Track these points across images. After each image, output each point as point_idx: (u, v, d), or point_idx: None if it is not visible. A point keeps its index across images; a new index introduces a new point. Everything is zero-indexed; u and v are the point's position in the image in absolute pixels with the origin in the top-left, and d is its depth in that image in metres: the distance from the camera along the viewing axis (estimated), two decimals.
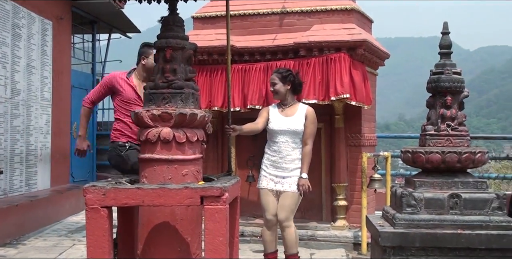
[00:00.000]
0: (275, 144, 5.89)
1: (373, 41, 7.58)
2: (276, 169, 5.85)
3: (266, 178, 5.89)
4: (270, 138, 5.99)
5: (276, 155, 5.86)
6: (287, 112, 5.93)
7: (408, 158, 4.41)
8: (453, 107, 4.44)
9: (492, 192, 4.24)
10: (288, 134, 5.83)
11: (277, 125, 5.86)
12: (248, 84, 7.37)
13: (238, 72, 7.44)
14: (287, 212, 5.77)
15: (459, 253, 4.01)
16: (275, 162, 5.86)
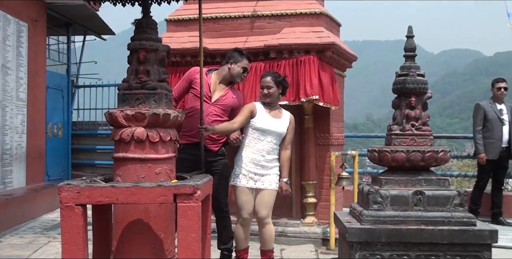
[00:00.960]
0: (259, 142, 5.75)
1: (341, 44, 7.60)
2: (256, 167, 5.72)
3: (245, 177, 5.73)
4: (254, 135, 5.80)
5: (258, 153, 5.71)
6: (274, 113, 5.84)
7: (375, 157, 4.43)
8: (417, 107, 4.48)
9: (454, 190, 4.27)
10: (275, 135, 5.75)
11: (267, 124, 5.74)
12: None
13: None
14: (268, 209, 5.77)
15: (422, 248, 4.04)
16: (255, 160, 5.71)
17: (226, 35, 7.73)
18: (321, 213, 7.51)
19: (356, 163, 7.68)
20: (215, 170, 5.80)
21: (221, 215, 5.98)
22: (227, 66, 6.02)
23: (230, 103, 6.02)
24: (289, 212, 7.67)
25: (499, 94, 9.11)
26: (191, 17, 7.72)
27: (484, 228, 4.09)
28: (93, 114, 12.93)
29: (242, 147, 5.81)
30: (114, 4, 4.68)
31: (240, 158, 5.79)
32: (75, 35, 12.89)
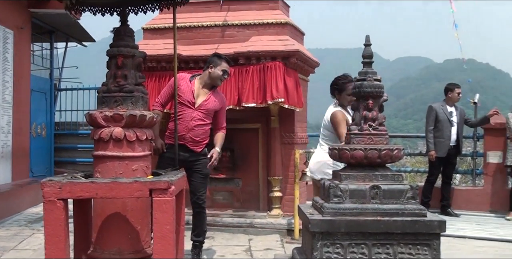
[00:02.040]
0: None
1: (304, 51, 7.63)
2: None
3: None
4: None
5: None
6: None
7: (335, 155, 4.44)
8: (374, 109, 4.48)
9: (407, 184, 4.29)
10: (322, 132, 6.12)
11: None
12: None
13: None
14: None
15: (378, 237, 4.05)
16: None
17: (199, 43, 7.70)
18: (286, 206, 7.52)
19: None
20: (196, 169, 5.73)
21: (198, 210, 5.93)
22: (208, 71, 5.93)
23: (212, 107, 5.91)
24: (256, 205, 7.67)
25: (458, 98, 9.29)
26: (166, 26, 7.69)
27: (434, 219, 4.12)
28: (75, 115, 12.87)
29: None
30: (94, 13, 4.67)
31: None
32: (58, 41, 12.78)
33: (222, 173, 7.78)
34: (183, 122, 5.62)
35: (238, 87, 7.17)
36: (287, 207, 7.51)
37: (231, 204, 7.79)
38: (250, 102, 7.06)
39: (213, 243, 6.77)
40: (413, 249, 4.05)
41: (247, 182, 7.76)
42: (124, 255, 4.13)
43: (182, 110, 5.66)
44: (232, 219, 7.47)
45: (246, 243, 6.78)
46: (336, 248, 4.03)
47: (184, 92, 5.75)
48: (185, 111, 5.70)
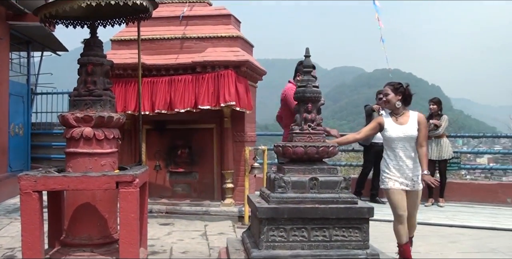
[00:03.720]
0: (394, 151, 5.06)
1: (253, 61, 7.65)
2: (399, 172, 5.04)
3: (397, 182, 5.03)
4: (388, 144, 5.14)
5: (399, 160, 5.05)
6: (401, 120, 5.00)
7: (279, 151, 4.46)
8: (313, 112, 4.52)
9: (341, 176, 4.33)
10: (405, 141, 4.96)
11: (395, 133, 4.98)
12: (156, 93, 7.27)
13: (148, 84, 7.32)
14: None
15: (316, 222, 4.09)
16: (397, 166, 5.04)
17: (161, 53, 7.64)
18: (238, 196, 7.53)
19: (265, 156, 7.73)
20: None
21: None
22: (297, 79, 5.99)
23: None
24: (211, 195, 7.66)
25: (381, 102, 9.42)
26: (131, 38, 7.60)
27: (364, 206, 4.18)
28: (49, 116, 12.64)
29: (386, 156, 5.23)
30: (66, 26, 4.60)
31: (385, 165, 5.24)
32: (34, 51, 12.51)
33: (181, 167, 7.74)
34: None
35: (195, 92, 7.14)
36: (238, 196, 7.52)
37: (189, 194, 7.76)
38: (205, 105, 7.05)
39: (173, 228, 6.73)
40: (346, 232, 4.11)
41: (203, 175, 7.74)
42: (94, 240, 4.09)
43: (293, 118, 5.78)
44: (190, 207, 7.43)
45: (202, 228, 6.76)
46: (280, 232, 4.05)
47: (292, 101, 5.79)
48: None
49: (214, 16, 7.90)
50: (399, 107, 4.99)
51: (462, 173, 14.58)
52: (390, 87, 5.04)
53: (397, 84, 5.02)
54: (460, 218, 7.84)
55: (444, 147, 9.11)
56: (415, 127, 4.91)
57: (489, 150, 14.80)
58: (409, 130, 4.90)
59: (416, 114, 5.00)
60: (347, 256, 4.02)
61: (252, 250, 4.05)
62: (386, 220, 7.36)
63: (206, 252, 5.54)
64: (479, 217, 7.91)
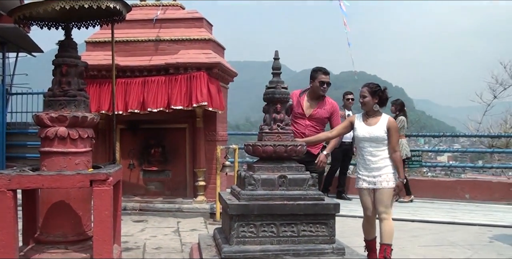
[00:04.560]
0: (362, 149, 4.88)
1: (225, 63, 7.65)
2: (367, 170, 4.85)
3: (362, 179, 4.86)
4: (359, 144, 4.97)
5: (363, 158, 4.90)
6: (370, 121, 4.85)
7: (249, 150, 4.47)
8: (281, 112, 4.54)
9: (308, 173, 4.37)
10: (371, 141, 4.79)
11: (361, 132, 4.85)
12: (129, 94, 7.21)
13: (122, 85, 7.25)
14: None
15: (285, 218, 4.11)
16: (364, 164, 4.88)
17: (135, 55, 7.58)
18: (210, 193, 7.52)
19: (236, 154, 7.73)
20: (310, 168, 5.27)
21: None
22: (310, 85, 5.98)
23: (321, 115, 5.94)
24: (184, 193, 7.63)
25: (348, 103, 9.52)
26: (106, 40, 7.51)
27: (330, 202, 4.22)
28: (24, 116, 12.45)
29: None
30: (41, 27, 4.52)
31: (357, 165, 5.07)
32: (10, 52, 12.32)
33: (154, 166, 7.70)
34: (299, 130, 5.78)
35: (168, 93, 7.10)
36: (210, 194, 7.51)
37: (162, 192, 7.71)
38: (178, 105, 7.01)
39: (147, 225, 6.68)
40: (313, 227, 4.15)
41: (176, 173, 7.70)
42: (68, 237, 4.03)
43: (297, 121, 5.86)
44: (163, 205, 7.39)
45: (175, 225, 6.73)
46: (250, 228, 4.07)
47: (294, 106, 5.90)
48: (299, 121, 5.86)
49: (187, 19, 7.87)
50: (377, 110, 4.84)
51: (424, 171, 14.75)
52: (368, 89, 4.86)
53: (375, 87, 4.86)
54: (421, 213, 7.96)
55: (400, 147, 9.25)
56: (382, 130, 4.74)
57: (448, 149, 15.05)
58: (375, 131, 4.76)
59: (388, 118, 4.83)
60: (314, 251, 4.06)
61: (223, 246, 4.06)
62: (352, 216, 7.46)
63: (178, 248, 5.52)
64: (439, 212, 8.05)
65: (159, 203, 7.44)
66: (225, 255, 3.95)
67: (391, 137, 4.75)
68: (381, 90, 4.85)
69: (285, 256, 4.01)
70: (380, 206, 4.72)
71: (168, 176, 7.74)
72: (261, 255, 3.98)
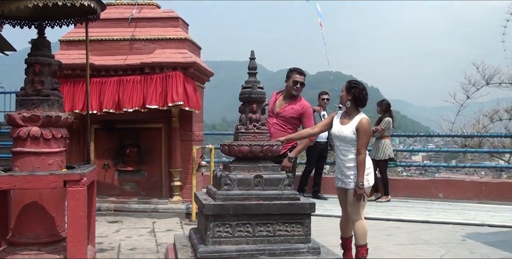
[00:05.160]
0: (337, 148, 4.84)
1: (201, 63, 7.63)
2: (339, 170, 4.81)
3: (338, 179, 4.83)
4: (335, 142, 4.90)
5: (337, 158, 4.86)
6: (345, 120, 4.76)
7: (225, 150, 4.47)
8: (257, 112, 4.55)
9: (284, 173, 4.38)
10: (341, 140, 4.72)
11: (334, 130, 4.80)
12: (104, 93, 7.13)
13: (96, 84, 7.17)
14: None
15: (261, 217, 4.11)
16: (338, 164, 4.84)
17: (110, 54, 7.50)
18: (185, 193, 7.49)
19: (212, 154, 7.72)
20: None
21: None
22: (285, 84, 6.04)
23: (288, 114, 5.94)
24: (160, 193, 7.58)
25: (323, 103, 9.58)
26: (80, 38, 7.41)
27: (306, 202, 4.24)
28: None
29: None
30: (13, 26, 4.45)
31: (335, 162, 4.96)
32: None
33: (130, 166, 7.63)
34: (269, 128, 5.60)
35: (143, 92, 7.05)
36: (186, 194, 7.48)
37: (137, 192, 7.65)
38: (153, 105, 6.96)
39: (122, 226, 6.62)
40: (289, 227, 4.16)
41: (152, 173, 7.65)
42: (41, 239, 3.98)
43: (267, 119, 5.77)
44: (138, 205, 7.34)
45: (150, 225, 6.69)
46: (226, 228, 4.06)
47: (270, 104, 5.96)
48: (268, 118, 5.85)
49: (163, 18, 7.82)
50: (349, 107, 4.75)
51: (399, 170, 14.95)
52: (346, 84, 4.79)
53: (353, 84, 4.76)
54: (396, 212, 8.05)
55: (381, 148, 9.33)
56: (351, 130, 4.63)
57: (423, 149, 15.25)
58: (345, 131, 4.66)
59: (360, 119, 4.66)
60: (289, 250, 4.07)
61: (198, 246, 4.04)
62: (327, 215, 7.50)
63: (154, 248, 5.49)
64: (414, 211, 8.15)
65: (135, 203, 7.39)
66: (200, 255, 3.94)
67: (359, 138, 4.62)
68: (358, 88, 4.72)
69: (261, 255, 4.02)
70: (349, 207, 4.70)
71: (143, 176, 7.69)
72: (237, 255, 3.98)
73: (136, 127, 7.68)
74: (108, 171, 7.62)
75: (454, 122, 14.91)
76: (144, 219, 7.07)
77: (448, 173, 19.36)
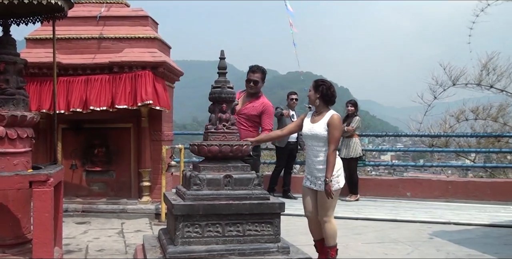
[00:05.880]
0: (308, 148, 4.79)
1: (170, 62, 7.58)
2: (309, 170, 4.76)
3: (308, 180, 4.77)
4: (306, 142, 4.85)
5: (308, 158, 4.79)
6: (315, 118, 4.73)
7: (195, 149, 4.46)
8: (227, 112, 4.55)
9: (254, 173, 4.39)
10: (313, 139, 4.67)
11: (304, 130, 4.75)
12: (72, 92, 7.02)
13: (64, 83, 7.07)
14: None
15: (231, 217, 4.12)
16: (308, 164, 4.78)
17: (77, 52, 7.41)
18: (155, 194, 7.44)
19: (182, 154, 7.68)
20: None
21: None
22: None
23: (249, 112, 5.89)
24: (128, 193, 7.51)
25: (292, 103, 9.60)
26: (47, 37, 7.29)
27: (275, 201, 4.26)
28: None
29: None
30: None
31: (306, 163, 4.90)
32: None
33: (98, 166, 7.55)
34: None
35: (112, 92, 6.97)
36: (156, 194, 7.43)
37: (106, 193, 7.57)
38: (122, 104, 6.89)
39: (90, 227, 6.54)
40: (259, 226, 4.18)
41: (121, 173, 7.58)
42: (5, 241, 3.91)
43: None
44: (107, 206, 7.26)
45: (119, 226, 6.62)
46: (195, 228, 4.06)
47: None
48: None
49: (132, 17, 7.75)
50: (319, 105, 4.71)
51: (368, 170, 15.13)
52: (313, 83, 4.76)
53: (320, 82, 4.75)
54: (364, 211, 8.14)
55: (352, 146, 9.41)
56: (323, 127, 4.59)
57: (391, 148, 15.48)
58: (317, 129, 4.62)
59: (331, 115, 4.64)
60: (259, 250, 4.09)
61: (168, 247, 4.03)
62: (297, 215, 7.52)
63: (122, 249, 5.44)
64: (382, 210, 8.25)
65: (103, 204, 7.31)
66: (169, 256, 3.93)
67: (329, 133, 4.57)
68: (325, 86, 4.70)
69: (230, 255, 4.02)
70: (321, 209, 4.64)
71: (112, 176, 7.61)
72: (206, 255, 3.97)
73: (105, 127, 7.59)
74: (75, 172, 7.52)
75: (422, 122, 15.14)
76: (112, 220, 7.00)
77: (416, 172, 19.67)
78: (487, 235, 6.51)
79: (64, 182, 4.72)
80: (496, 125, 14.01)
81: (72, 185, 7.44)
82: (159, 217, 7.02)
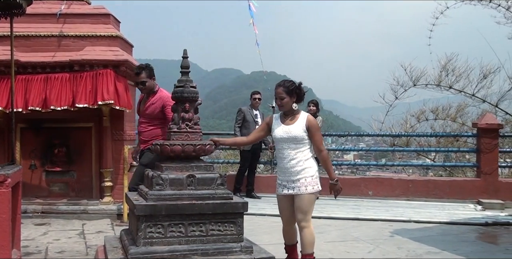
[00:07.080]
0: (281, 151, 4.58)
1: (133, 61, 7.52)
2: (285, 174, 4.60)
3: (281, 185, 4.66)
4: (277, 146, 4.64)
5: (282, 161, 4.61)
6: (289, 121, 4.55)
7: (157, 149, 4.42)
8: (190, 111, 4.53)
9: (217, 173, 4.37)
10: (289, 141, 4.50)
11: (279, 133, 4.54)
12: (30, 91, 6.89)
13: (22, 81, 6.92)
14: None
15: (193, 217, 4.10)
16: (283, 168, 4.61)
17: (36, 50, 7.28)
18: (117, 194, 7.37)
19: None
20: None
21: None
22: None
23: (150, 111, 5.73)
24: (90, 194, 7.42)
25: (255, 102, 9.62)
26: (4, 34, 7.11)
27: (238, 201, 4.25)
28: None
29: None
30: None
31: (278, 169, 4.73)
32: None
33: (58, 166, 7.43)
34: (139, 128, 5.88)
35: (73, 90, 6.88)
36: (118, 195, 7.36)
37: (66, 193, 7.46)
38: (82, 103, 6.80)
39: (50, 228, 6.42)
40: (222, 226, 4.17)
41: (82, 174, 7.48)
42: None
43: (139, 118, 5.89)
44: (67, 207, 7.14)
45: (80, 227, 6.52)
46: (158, 228, 4.02)
47: (137, 103, 5.99)
48: (139, 118, 5.89)
49: (93, 15, 7.66)
50: (296, 109, 4.54)
51: None
52: (283, 89, 4.49)
53: (290, 85, 4.50)
54: (327, 210, 8.21)
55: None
56: (301, 128, 4.45)
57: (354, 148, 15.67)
58: (294, 130, 4.46)
59: (307, 116, 4.52)
60: (222, 250, 4.08)
61: (130, 247, 3.98)
62: (261, 214, 7.57)
63: (83, 251, 5.36)
64: (345, 209, 8.35)
65: (63, 205, 7.19)
66: (131, 257, 3.88)
67: (313, 136, 4.48)
68: (297, 87, 4.53)
69: (193, 256, 4.00)
70: (299, 214, 4.53)
71: (72, 176, 7.49)
72: (169, 256, 3.94)
73: (65, 127, 7.48)
74: (35, 172, 7.38)
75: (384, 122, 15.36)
76: (73, 221, 6.89)
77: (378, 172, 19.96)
78: (447, 233, 6.66)
79: (23, 182, 4.63)
80: (455, 125, 14.32)
81: (31, 186, 7.30)
82: (121, 218, 6.95)
